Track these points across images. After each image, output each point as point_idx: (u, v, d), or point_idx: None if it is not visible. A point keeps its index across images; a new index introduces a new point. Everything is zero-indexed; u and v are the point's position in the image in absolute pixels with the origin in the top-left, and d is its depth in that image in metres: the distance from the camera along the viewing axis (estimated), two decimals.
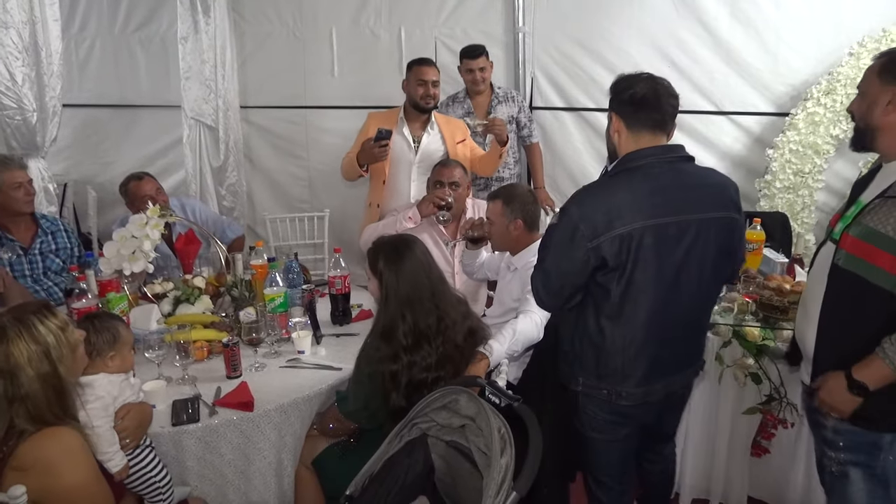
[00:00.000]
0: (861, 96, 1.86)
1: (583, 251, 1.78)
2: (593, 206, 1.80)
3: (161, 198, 3.22)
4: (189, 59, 4.38)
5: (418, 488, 1.82)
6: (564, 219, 1.82)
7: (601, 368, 1.91)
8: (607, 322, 1.86)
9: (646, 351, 1.88)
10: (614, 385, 1.91)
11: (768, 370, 2.52)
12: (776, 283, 2.67)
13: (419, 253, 2.12)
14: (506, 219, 2.60)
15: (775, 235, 3.56)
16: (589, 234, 1.76)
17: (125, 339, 1.91)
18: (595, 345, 1.89)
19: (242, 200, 4.84)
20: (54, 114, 3.59)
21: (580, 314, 1.91)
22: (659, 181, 1.82)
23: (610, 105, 1.92)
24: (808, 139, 3.97)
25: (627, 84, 1.87)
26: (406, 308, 2.04)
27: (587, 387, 1.95)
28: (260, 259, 2.80)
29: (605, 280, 1.82)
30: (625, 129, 1.87)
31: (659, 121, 1.85)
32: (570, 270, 1.82)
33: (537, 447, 1.51)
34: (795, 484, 2.66)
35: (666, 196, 1.81)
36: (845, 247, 1.74)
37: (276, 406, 2.10)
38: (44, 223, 3.14)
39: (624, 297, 1.82)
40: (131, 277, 2.65)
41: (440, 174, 3.17)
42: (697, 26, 4.20)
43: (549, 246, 1.87)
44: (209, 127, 4.54)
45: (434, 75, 3.39)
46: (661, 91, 1.85)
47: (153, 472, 1.88)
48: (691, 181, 1.88)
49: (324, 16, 4.60)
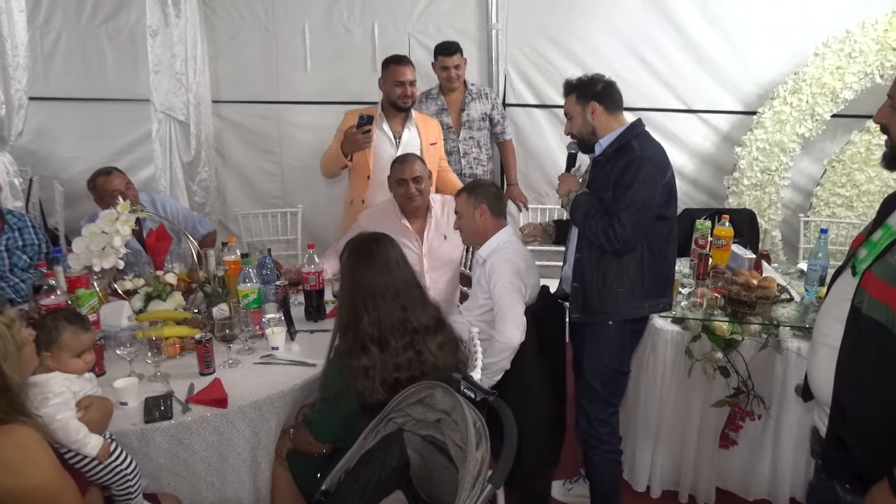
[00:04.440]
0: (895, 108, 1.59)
1: (660, 186, 2.29)
2: (655, 155, 2.32)
3: (130, 193, 3.17)
4: (159, 52, 4.32)
5: (394, 483, 1.83)
6: (639, 165, 2.26)
7: (647, 290, 2.39)
8: (667, 246, 2.40)
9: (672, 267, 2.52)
10: (654, 300, 2.45)
11: (736, 363, 2.58)
12: (744, 279, 2.73)
13: (390, 252, 2.09)
14: (471, 207, 2.62)
15: (743, 232, 3.64)
16: (661, 174, 2.30)
17: (67, 345, 1.80)
18: (645, 273, 2.37)
19: (214, 196, 4.79)
20: (20, 107, 3.52)
21: (633, 258, 2.35)
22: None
23: (585, 96, 2.40)
24: (774, 137, 4.06)
25: (592, 78, 2.43)
26: (369, 301, 2.00)
27: (651, 308, 2.47)
28: (233, 255, 2.78)
29: (669, 212, 2.36)
30: (603, 112, 2.39)
31: (622, 101, 2.44)
32: (652, 203, 2.28)
33: (512, 441, 1.53)
34: (762, 475, 2.73)
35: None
36: (868, 288, 1.50)
37: (251, 402, 2.08)
38: (10, 219, 3.08)
39: (673, 223, 2.41)
40: (101, 274, 2.61)
41: (401, 172, 3.07)
42: (667, 25, 4.26)
43: (636, 191, 2.25)
44: (179, 121, 4.49)
45: (411, 74, 3.38)
46: (614, 86, 2.44)
47: (117, 460, 1.84)
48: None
49: (296, 11, 4.57)
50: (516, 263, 2.53)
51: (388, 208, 3.19)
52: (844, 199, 4.11)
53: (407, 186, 3.06)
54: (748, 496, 2.79)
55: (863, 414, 1.53)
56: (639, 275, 2.37)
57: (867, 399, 1.51)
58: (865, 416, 1.52)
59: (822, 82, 3.96)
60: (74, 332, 1.81)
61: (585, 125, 2.42)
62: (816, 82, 3.96)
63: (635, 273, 2.37)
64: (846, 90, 3.94)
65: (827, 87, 3.94)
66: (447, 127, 3.95)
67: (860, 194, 4.07)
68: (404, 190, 3.07)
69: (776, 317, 2.66)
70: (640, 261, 2.36)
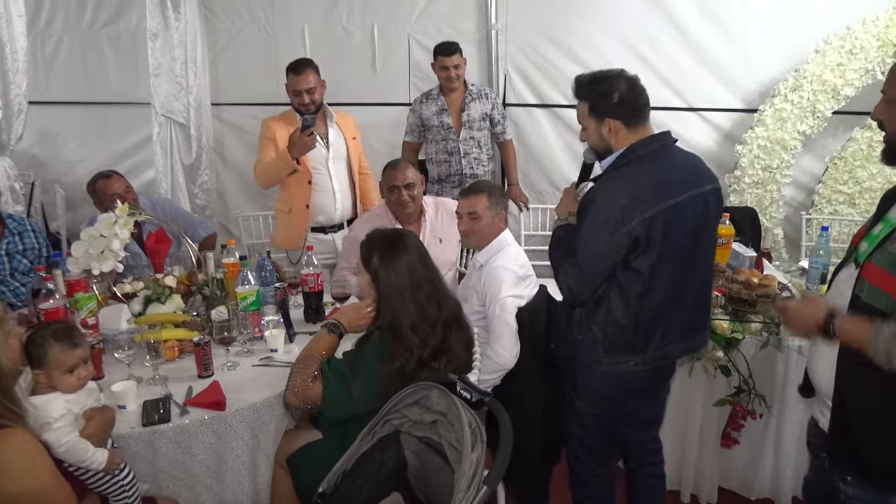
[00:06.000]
0: (890, 104, 1.62)
1: (618, 236, 1.90)
2: (622, 194, 1.92)
3: (130, 196, 3.17)
4: (159, 55, 4.33)
5: (391, 484, 1.82)
6: (593, 208, 1.94)
7: (628, 344, 2.03)
8: (636, 301, 1.98)
9: (667, 320, 2.04)
10: (640, 355, 2.05)
11: (737, 362, 2.56)
12: (745, 277, 2.72)
13: (413, 247, 2.10)
14: (492, 212, 2.61)
15: (744, 230, 3.62)
16: (621, 220, 1.89)
17: (56, 362, 1.75)
18: (620, 324, 2.01)
19: (214, 198, 4.79)
20: (20, 111, 3.54)
21: (601, 302, 2.02)
22: (667, 164, 2.01)
23: (598, 112, 2.01)
24: (775, 135, 4.04)
25: (608, 87, 1.99)
26: (408, 299, 2.02)
27: (612, 364, 2.06)
28: (232, 257, 2.78)
29: (637, 263, 1.95)
30: (623, 128, 1.99)
31: (647, 107, 2.03)
32: (604, 256, 1.94)
33: (507, 442, 1.52)
34: (764, 474, 2.72)
35: (676, 177, 1.99)
36: (868, 277, 1.54)
37: (249, 405, 2.08)
38: (10, 223, 3.08)
39: (652, 275, 1.96)
40: (100, 277, 2.62)
41: (393, 178, 3.07)
42: (667, 23, 4.25)
43: (580, 240, 1.96)
44: (180, 124, 4.50)
45: (308, 83, 3.36)
46: (634, 82, 2.02)
47: (115, 470, 1.85)
48: (686, 161, 2.10)
49: (296, 12, 4.57)
50: (515, 272, 2.52)
51: (382, 214, 3.19)
52: (846, 196, 4.09)
53: (399, 193, 3.07)
54: (750, 495, 2.78)
55: (864, 401, 1.56)
56: (601, 328, 2.04)
57: (868, 386, 1.54)
58: (867, 404, 1.55)
59: (823, 79, 3.94)
60: (62, 349, 1.75)
61: (601, 141, 2.05)
62: (817, 79, 3.95)
63: (601, 324, 2.03)
64: (847, 87, 3.92)
65: (828, 83, 3.92)
66: (447, 127, 3.95)
67: (862, 191, 4.05)
68: (396, 196, 3.08)
69: (777, 315, 2.65)
70: (605, 313, 2.03)
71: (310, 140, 3.21)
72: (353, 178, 3.60)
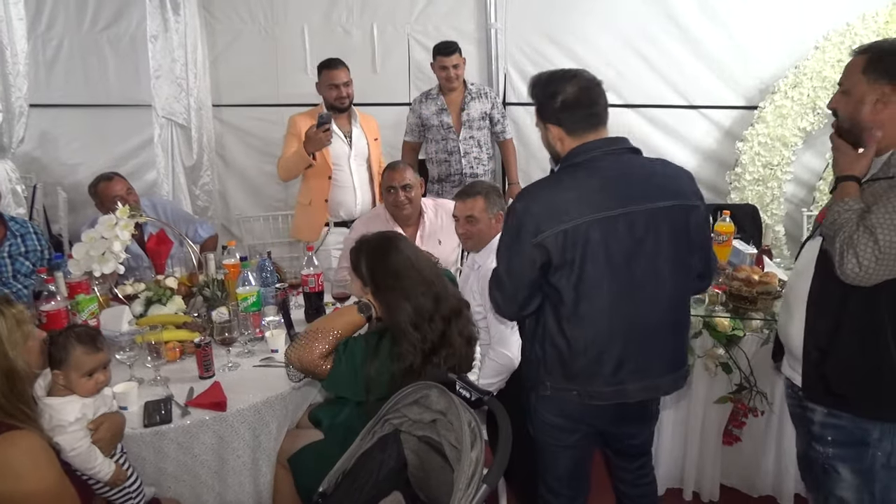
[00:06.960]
0: (845, 94, 1.77)
1: (528, 247, 1.73)
2: (537, 203, 1.75)
3: (131, 198, 3.18)
4: (159, 57, 4.35)
5: (392, 483, 1.82)
6: (510, 218, 1.79)
7: (567, 370, 1.82)
8: (567, 324, 1.79)
9: (611, 350, 1.79)
10: (584, 385, 1.82)
11: (738, 359, 2.56)
12: (745, 274, 2.71)
13: (404, 248, 2.09)
14: (489, 213, 2.61)
15: (745, 227, 3.61)
16: (533, 230, 1.72)
17: (77, 364, 1.77)
18: (557, 347, 1.82)
19: (216, 199, 4.80)
20: (21, 114, 3.54)
21: (539, 319, 1.86)
22: (605, 174, 1.78)
23: (541, 116, 1.85)
24: (776, 132, 4.04)
25: (552, 90, 1.80)
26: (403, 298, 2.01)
27: (555, 390, 1.86)
28: (232, 258, 2.79)
29: (556, 280, 1.76)
30: (566, 136, 1.81)
31: (597, 115, 1.80)
32: (519, 270, 1.77)
33: (507, 441, 1.52)
34: (766, 471, 2.71)
35: (613, 188, 1.75)
36: (820, 220, 1.69)
37: (250, 405, 2.09)
38: (12, 225, 3.09)
39: (577, 295, 1.75)
40: (102, 279, 2.63)
41: (391, 179, 3.09)
42: (667, 22, 4.25)
43: (499, 252, 1.85)
44: (181, 126, 4.51)
45: (345, 77, 3.48)
46: (587, 85, 1.80)
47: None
48: (639, 172, 1.82)
49: (295, 13, 4.58)
50: None
51: (381, 215, 3.20)
52: None
53: (396, 194, 3.07)
54: (752, 493, 2.77)
55: (832, 329, 1.70)
56: (542, 345, 1.87)
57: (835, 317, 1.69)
58: (836, 332, 1.69)
59: (822, 76, 3.93)
60: (85, 352, 1.78)
61: (549, 146, 1.89)
62: (817, 76, 3.94)
63: (541, 342, 1.87)
64: None
65: (828, 80, 3.91)
66: (447, 127, 3.95)
67: None
68: (393, 198, 3.09)
69: (777, 312, 2.64)
70: (542, 330, 1.86)
71: (325, 136, 3.26)
72: (374, 176, 3.66)
